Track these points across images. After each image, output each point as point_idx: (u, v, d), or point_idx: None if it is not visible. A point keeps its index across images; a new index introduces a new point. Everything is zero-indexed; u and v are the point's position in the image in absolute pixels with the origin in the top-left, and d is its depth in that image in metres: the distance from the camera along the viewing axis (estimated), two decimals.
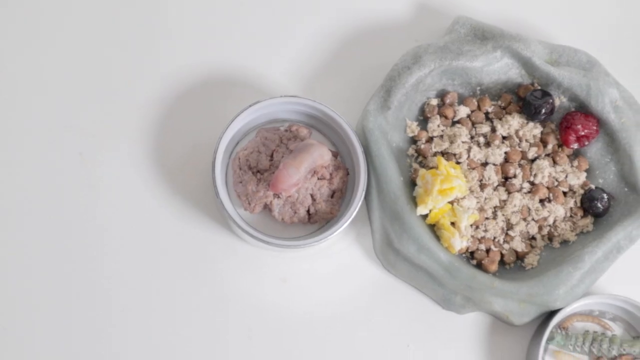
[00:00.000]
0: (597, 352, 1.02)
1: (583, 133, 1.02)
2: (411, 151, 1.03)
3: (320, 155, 0.98)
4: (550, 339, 1.01)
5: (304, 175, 0.98)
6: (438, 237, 1.00)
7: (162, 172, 1.02)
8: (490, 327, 1.03)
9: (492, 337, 1.02)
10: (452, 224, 1.00)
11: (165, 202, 1.01)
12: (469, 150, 1.02)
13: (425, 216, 1.00)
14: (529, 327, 1.03)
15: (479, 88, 1.04)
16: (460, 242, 0.99)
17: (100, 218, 1.01)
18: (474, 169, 1.01)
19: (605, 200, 1.01)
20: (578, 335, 1.01)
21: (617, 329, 1.04)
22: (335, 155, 1.02)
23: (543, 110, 1.01)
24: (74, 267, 0.99)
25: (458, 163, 1.01)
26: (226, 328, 1.00)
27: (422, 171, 1.00)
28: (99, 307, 0.99)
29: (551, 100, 1.02)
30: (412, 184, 1.02)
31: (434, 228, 1.01)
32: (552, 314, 1.00)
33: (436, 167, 1.00)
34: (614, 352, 1.02)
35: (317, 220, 1.00)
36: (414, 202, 1.00)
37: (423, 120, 1.04)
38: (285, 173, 0.97)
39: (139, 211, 1.01)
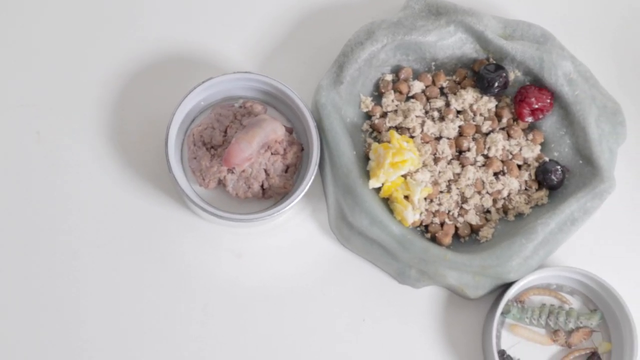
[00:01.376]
0: (554, 325, 1.01)
1: (537, 106, 1.02)
2: (366, 126, 1.03)
3: (273, 130, 0.99)
4: (506, 312, 1.01)
5: (256, 149, 0.98)
6: (391, 211, 1.00)
7: (118, 150, 1.03)
8: (446, 301, 1.03)
9: (449, 311, 1.02)
10: (406, 197, 1.00)
11: (121, 179, 1.02)
12: (422, 124, 1.02)
13: (378, 190, 1.00)
14: (486, 301, 1.03)
15: (433, 63, 1.04)
16: (413, 215, 0.99)
17: (58, 196, 1.01)
18: (427, 142, 1.02)
19: (559, 172, 1.01)
20: (534, 309, 1.01)
21: (575, 303, 1.03)
22: (290, 131, 1.02)
23: (496, 84, 1.02)
24: (30, 245, 1.00)
25: (412, 137, 1.02)
26: (182, 304, 1.00)
27: (374, 145, 1.00)
28: (54, 284, 0.99)
29: (504, 74, 1.02)
30: (366, 158, 1.02)
31: (387, 202, 1.01)
32: (507, 287, 1.00)
33: (389, 141, 1.00)
34: (571, 325, 1.01)
35: (272, 195, 1.01)
36: (368, 176, 1.00)
37: (378, 95, 1.05)
38: (237, 147, 0.97)
39: (95, 188, 1.02)
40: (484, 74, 1.02)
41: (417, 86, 1.03)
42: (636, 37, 1.10)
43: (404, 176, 1.00)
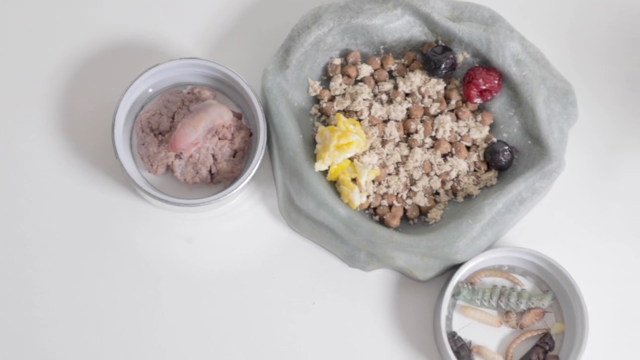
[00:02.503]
0: (505, 307, 1.01)
1: (485, 87, 1.02)
2: (314, 110, 1.03)
3: (219, 115, 0.99)
4: (457, 294, 1.01)
5: (202, 134, 0.99)
6: (339, 194, 1.00)
7: (68, 138, 1.03)
8: (397, 284, 1.03)
9: (400, 294, 1.02)
10: (354, 180, 1.00)
11: (71, 167, 1.02)
12: (370, 107, 1.02)
13: (326, 173, 1.01)
14: (437, 283, 1.02)
15: (382, 47, 1.04)
16: (359, 198, 0.99)
17: (6, 185, 1.02)
18: (375, 125, 1.02)
19: (507, 153, 1.01)
20: (485, 290, 1.01)
21: (527, 284, 1.03)
22: (238, 116, 1.03)
23: (443, 66, 1.02)
24: None
25: (359, 120, 1.02)
26: (133, 290, 1.00)
27: (321, 128, 1.00)
28: (2, 272, 1.00)
29: (452, 56, 1.02)
30: (315, 142, 1.02)
31: (335, 185, 1.01)
32: (457, 268, 1.00)
33: (336, 125, 1.00)
34: (523, 306, 1.01)
35: (220, 180, 1.01)
36: (315, 159, 1.00)
37: (327, 80, 1.05)
38: (182, 132, 0.98)
39: (44, 177, 1.02)
40: (430, 56, 1.02)
41: (366, 70, 1.03)
42: (591, 19, 1.10)
43: (351, 159, 1.00)
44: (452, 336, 1.00)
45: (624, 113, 1.07)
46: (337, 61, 1.04)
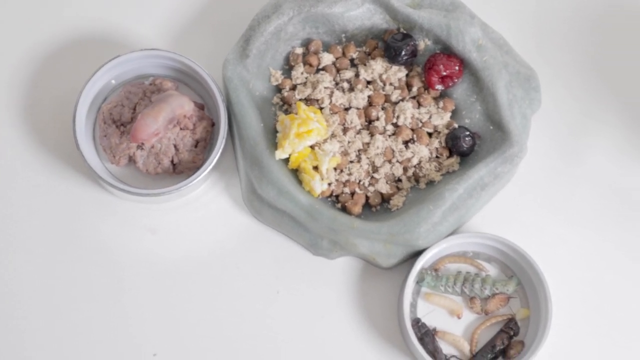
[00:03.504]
0: (470, 293, 1.01)
1: (445, 73, 1.02)
2: (276, 99, 1.04)
3: (180, 105, 1.00)
4: (421, 280, 1.01)
5: (163, 124, 0.99)
6: (301, 182, 1.01)
7: (30, 131, 1.04)
8: (361, 272, 1.03)
9: (364, 281, 1.02)
10: (315, 168, 1.00)
11: (33, 159, 1.03)
12: (331, 95, 1.02)
13: (287, 161, 1.01)
14: (402, 270, 1.02)
15: (344, 35, 1.04)
16: (321, 185, 0.99)
17: None
18: (336, 113, 1.02)
19: (469, 138, 1.01)
20: (449, 276, 1.01)
21: (492, 270, 1.03)
22: (201, 107, 1.03)
23: (403, 53, 1.02)
24: None
25: (321, 108, 1.02)
26: (96, 281, 1.01)
27: (281, 116, 1.01)
28: None
29: (412, 43, 1.02)
30: (276, 131, 1.02)
31: (297, 173, 1.01)
32: (421, 255, 1.00)
33: (297, 113, 1.01)
34: (487, 292, 1.01)
35: (183, 171, 1.01)
36: (276, 148, 1.00)
37: (289, 69, 1.05)
38: (143, 123, 0.98)
39: (6, 169, 1.03)
40: (390, 43, 1.02)
41: (327, 58, 1.04)
42: (554, 5, 1.10)
43: (312, 147, 1.01)
44: (417, 322, 1.00)
45: (588, 98, 1.07)
46: (299, 50, 1.04)
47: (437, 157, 1.02)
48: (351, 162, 1.02)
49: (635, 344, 1.02)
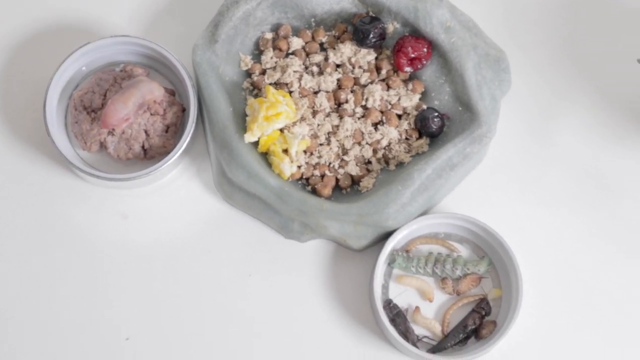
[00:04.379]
0: (441, 273, 1.01)
1: (414, 55, 1.02)
2: (246, 84, 1.04)
3: (150, 90, 1.00)
4: (392, 261, 1.01)
5: (133, 110, 1.00)
6: (271, 165, 1.01)
7: (1, 119, 1.04)
8: (333, 254, 1.03)
9: (336, 264, 1.03)
10: (285, 151, 1.01)
11: (3, 147, 1.04)
12: (300, 79, 1.03)
13: (257, 145, 1.01)
14: (374, 252, 1.02)
15: (313, 20, 1.05)
16: (290, 168, 1.00)
17: None
18: (305, 96, 1.02)
19: (437, 119, 1.01)
20: (420, 257, 1.01)
21: (464, 251, 1.03)
22: (172, 93, 1.04)
23: (371, 35, 1.02)
24: None
25: (290, 92, 1.03)
26: (67, 266, 1.01)
27: (250, 100, 1.01)
28: None
29: (380, 25, 1.02)
30: (246, 115, 1.03)
31: (267, 156, 1.02)
32: (391, 236, 1.00)
33: (266, 97, 1.01)
34: (459, 273, 1.01)
35: (154, 156, 1.02)
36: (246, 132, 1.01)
37: (259, 54, 1.05)
38: (112, 108, 0.99)
39: None
40: (358, 26, 1.02)
41: (297, 43, 1.04)
42: None
43: (282, 130, 1.01)
44: (388, 304, 1.00)
45: (559, 79, 1.08)
46: (269, 35, 1.05)
47: (406, 138, 1.03)
48: (321, 144, 1.02)
49: (606, 322, 1.02)
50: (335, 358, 1.01)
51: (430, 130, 1.01)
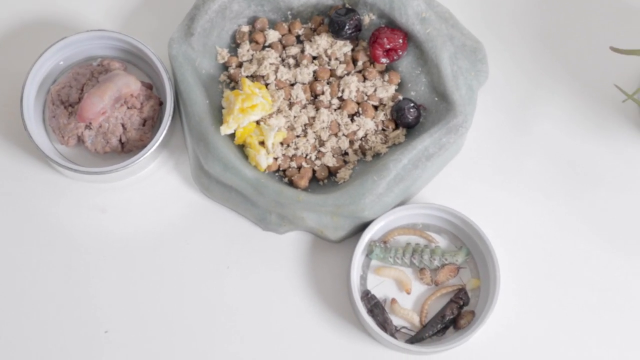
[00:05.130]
0: (419, 264, 1.01)
1: (389, 46, 1.02)
2: (223, 77, 1.04)
3: (126, 84, 1.01)
4: (370, 252, 1.01)
5: (109, 103, 1.00)
6: (247, 157, 1.01)
7: None
8: (312, 246, 1.03)
9: (315, 255, 1.03)
10: (262, 143, 1.01)
11: None
12: (276, 71, 1.03)
13: (233, 137, 1.01)
14: (352, 244, 1.02)
15: (289, 12, 1.05)
16: (266, 159, 1.00)
17: None
18: (281, 88, 1.02)
19: (413, 109, 1.01)
20: (398, 248, 1.01)
21: (442, 241, 1.03)
22: (149, 87, 1.04)
23: (347, 27, 1.02)
24: None
25: (267, 85, 1.03)
26: (46, 260, 1.02)
27: (226, 92, 1.01)
28: None
29: (356, 17, 1.03)
30: (222, 108, 1.03)
31: (243, 148, 1.02)
32: (368, 227, 1.01)
33: (242, 89, 1.01)
34: (436, 263, 1.01)
35: (131, 149, 1.02)
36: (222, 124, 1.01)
37: (236, 47, 1.06)
38: (89, 102, 0.99)
39: None
40: (334, 18, 1.03)
41: (273, 35, 1.04)
42: None
43: (258, 122, 1.01)
44: (366, 295, 1.00)
45: (536, 68, 1.08)
46: (245, 28, 1.05)
47: (383, 129, 1.03)
48: (297, 136, 1.02)
49: (585, 311, 1.02)
50: (314, 349, 1.01)
51: (407, 120, 1.01)
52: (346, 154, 1.03)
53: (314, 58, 1.04)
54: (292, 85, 1.03)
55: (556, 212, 1.04)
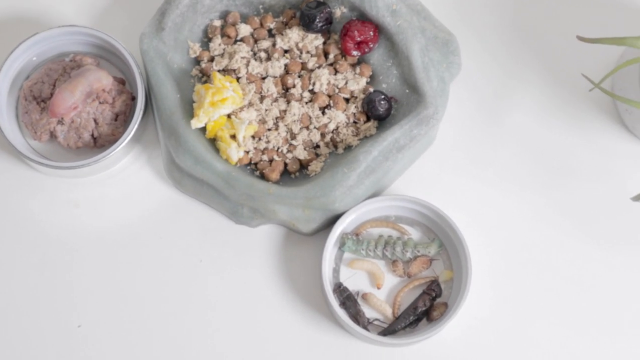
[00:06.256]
0: (391, 256, 1.01)
1: (360, 39, 1.02)
2: (195, 72, 1.05)
3: (97, 79, 1.01)
4: (342, 245, 1.01)
5: (80, 98, 1.00)
6: (219, 151, 1.01)
7: None
8: (284, 239, 1.03)
9: (287, 248, 1.03)
10: (233, 137, 1.01)
11: None
12: (247, 64, 1.03)
13: (205, 131, 1.02)
14: (325, 236, 1.02)
15: (261, 6, 1.05)
16: (237, 153, 1.00)
17: None
18: (252, 82, 1.03)
19: (384, 101, 1.01)
20: (370, 240, 1.01)
21: (415, 234, 1.03)
22: (122, 82, 1.04)
23: (317, 20, 1.02)
24: None
25: (238, 78, 1.03)
26: (19, 255, 1.02)
27: (197, 86, 1.02)
28: None
29: (326, 10, 1.03)
30: (193, 102, 1.03)
31: (215, 142, 1.02)
32: (340, 219, 1.01)
33: (212, 83, 1.02)
34: (409, 255, 1.01)
35: (104, 144, 1.03)
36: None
37: (208, 42, 1.06)
38: (60, 97, 1.00)
39: None
40: (304, 11, 1.03)
41: (245, 29, 1.05)
42: None
43: (229, 116, 1.01)
44: (339, 287, 1.00)
45: (510, 59, 1.07)
46: (217, 23, 1.05)
47: (354, 122, 1.03)
48: (269, 129, 1.02)
49: (558, 302, 1.02)
50: (287, 342, 1.01)
51: (377, 113, 1.01)
52: (317, 146, 1.03)
53: (286, 51, 1.04)
54: (264, 78, 1.03)
55: (530, 202, 1.04)
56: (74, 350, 1.00)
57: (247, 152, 1.01)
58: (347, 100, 1.03)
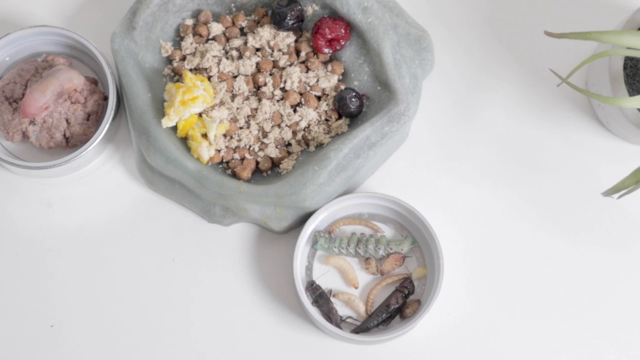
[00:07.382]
0: (364, 254, 1.01)
1: (331, 37, 1.02)
2: (167, 71, 1.05)
3: (69, 79, 1.01)
4: (315, 242, 1.01)
5: (52, 98, 1.01)
6: (190, 149, 1.01)
7: None
8: (257, 238, 1.03)
9: (260, 247, 1.03)
10: (205, 135, 1.01)
11: None
12: (219, 63, 1.03)
13: (176, 130, 1.02)
14: (297, 234, 1.02)
15: (233, 5, 1.05)
16: (208, 152, 1.00)
17: None
18: (224, 80, 1.03)
19: (355, 98, 1.01)
20: (343, 238, 1.01)
21: (388, 231, 1.03)
22: (94, 82, 1.04)
23: (288, 17, 1.02)
24: None
25: (209, 77, 1.03)
26: None
27: (168, 85, 1.02)
28: None
29: (298, 8, 1.03)
30: (165, 101, 1.03)
31: (186, 141, 1.02)
32: (312, 217, 1.00)
33: (183, 82, 1.02)
34: (382, 252, 1.01)
35: (76, 144, 1.03)
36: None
37: (180, 41, 1.06)
38: (31, 97, 1.00)
39: None
40: (276, 9, 1.03)
41: (217, 28, 1.05)
42: None
43: (201, 114, 1.01)
44: (311, 285, 1.00)
45: (482, 56, 1.07)
46: (189, 22, 1.05)
47: (326, 119, 1.03)
48: (240, 128, 1.02)
49: (531, 298, 1.02)
50: (260, 341, 1.01)
51: (349, 110, 1.01)
52: (289, 144, 1.03)
53: (257, 50, 1.04)
54: (235, 77, 1.03)
55: (503, 198, 1.04)
56: (47, 350, 1.00)
57: (219, 151, 1.01)
58: (318, 98, 1.03)
